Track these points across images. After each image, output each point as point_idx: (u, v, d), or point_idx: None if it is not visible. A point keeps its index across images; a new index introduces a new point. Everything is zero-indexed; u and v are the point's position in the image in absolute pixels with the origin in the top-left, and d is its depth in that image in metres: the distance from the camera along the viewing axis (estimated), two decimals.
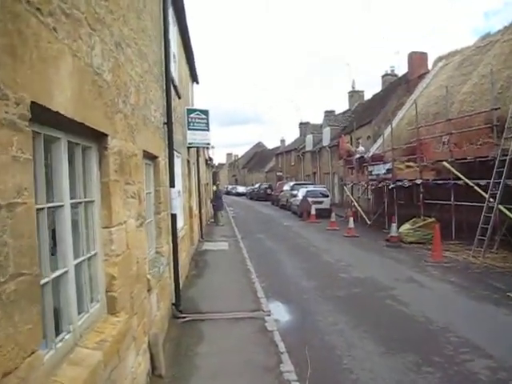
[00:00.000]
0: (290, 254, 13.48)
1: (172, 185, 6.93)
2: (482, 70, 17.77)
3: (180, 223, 9.46)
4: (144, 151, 5.03)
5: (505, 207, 12.02)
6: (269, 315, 7.08)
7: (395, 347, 5.84)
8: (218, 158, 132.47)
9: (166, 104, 6.91)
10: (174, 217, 7.00)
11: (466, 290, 8.67)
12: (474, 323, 6.73)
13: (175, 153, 8.63)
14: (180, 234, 8.83)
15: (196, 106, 14.75)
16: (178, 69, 10.33)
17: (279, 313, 7.52)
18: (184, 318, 6.95)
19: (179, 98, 10.13)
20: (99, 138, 3.33)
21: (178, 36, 10.95)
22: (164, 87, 6.92)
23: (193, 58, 13.89)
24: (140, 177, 4.67)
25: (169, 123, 6.89)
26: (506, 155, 12.11)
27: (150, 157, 5.85)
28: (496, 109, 13.32)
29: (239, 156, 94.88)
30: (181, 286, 7.99)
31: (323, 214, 23.61)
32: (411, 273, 10.30)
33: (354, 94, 40.00)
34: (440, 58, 24.27)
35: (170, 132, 6.90)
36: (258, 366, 5.20)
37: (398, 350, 5.74)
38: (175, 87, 9.13)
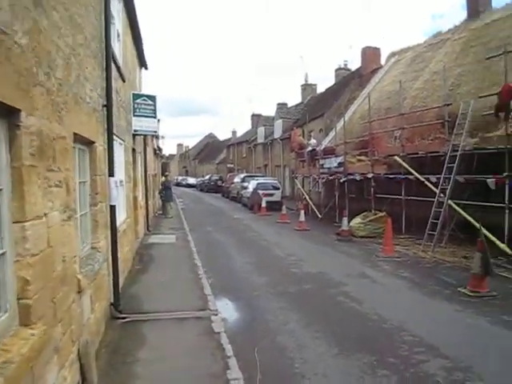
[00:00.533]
0: (240, 248, 13.08)
1: (111, 174, 6.31)
2: (434, 66, 17.96)
3: (122, 215, 8.83)
4: (76, 134, 4.42)
5: (454, 202, 12.10)
6: (216, 314, 6.62)
7: (349, 348, 5.54)
8: (169, 148, 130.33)
9: (106, 85, 6.27)
10: (113, 208, 6.39)
11: (418, 285, 8.55)
12: (428, 321, 6.55)
13: (117, 139, 7.99)
14: (122, 227, 8.21)
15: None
16: (122, 49, 9.64)
17: (227, 311, 7.07)
18: (124, 318, 6.37)
19: (123, 80, 9.43)
20: (9, 113, 2.74)
21: (124, 16, 10.24)
22: (104, 66, 6.27)
23: (141, 42, 13.13)
24: (69, 163, 4.06)
25: (109, 106, 6.26)
26: (457, 151, 12.18)
27: (85, 142, 5.22)
28: (448, 105, 13.40)
29: (190, 147, 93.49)
30: (122, 283, 7.42)
31: (274, 207, 23.44)
32: (363, 268, 10.12)
33: (307, 87, 40.02)
34: (393, 54, 24.48)
35: (109, 115, 6.27)
36: (203, 374, 4.73)
37: (351, 351, 5.43)
38: (118, 68, 8.46)
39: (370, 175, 16.54)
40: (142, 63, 15.43)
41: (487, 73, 14.34)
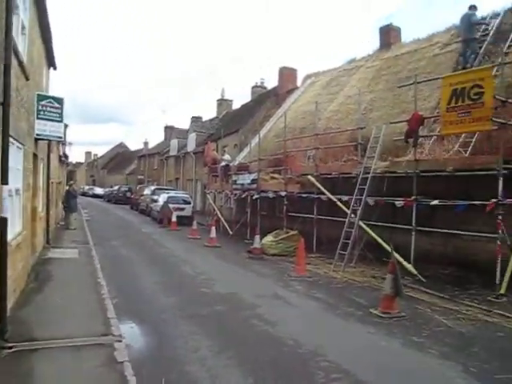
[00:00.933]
0: (148, 265, 12.34)
1: (5, 181, 5.48)
2: (348, 90, 18.59)
3: (17, 228, 7.83)
4: None
5: (364, 223, 12.35)
6: (120, 340, 5.89)
7: (264, 377, 5.15)
8: (76, 156, 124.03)
9: (3, 80, 5.47)
10: (3, 221, 5.53)
11: (332, 306, 8.43)
12: (343, 345, 6.38)
13: (15, 143, 7.10)
14: (15, 241, 7.24)
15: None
16: (28, 45, 8.69)
17: (133, 337, 6.37)
18: (10, 348, 5.43)
19: (27, 78, 8.47)
20: None
21: (34, 9, 9.30)
22: (3, 58, 5.48)
23: (51, 40, 12.07)
24: None
25: (6, 104, 5.47)
26: (368, 173, 12.48)
27: None
28: (361, 128, 13.76)
29: (99, 156, 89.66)
30: (11, 305, 6.47)
31: (184, 222, 22.86)
32: (276, 288, 9.86)
33: (223, 103, 39.95)
34: (309, 76, 25.10)
35: (6, 115, 5.46)
36: None
37: (267, 381, 5.06)
38: (21, 63, 7.55)
39: (283, 193, 16.56)
40: (51, 62, 14.24)
41: (397, 100, 15.04)
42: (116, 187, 50.39)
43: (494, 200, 9.43)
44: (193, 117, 40.63)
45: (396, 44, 19.04)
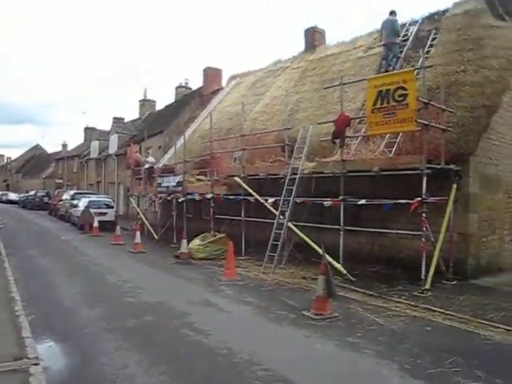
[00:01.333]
0: (69, 275, 11.44)
1: None
2: (274, 91, 18.62)
3: None
4: None
5: (293, 224, 12.30)
6: (36, 363, 5.16)
7: None
8: None
9: None
10: None
11: (264, 310, 8.17)
12: (279, 350, 6.13)
13: None
14: None
15: None
16: None
17: (52, 358, 5.68)
18: None
19: None
20: None
21: None
22: None
23: None
24: None
25: None
26: (296, 174, 12.44)
27: None
28: (288, 129, 13.72)
29: (13, 159, 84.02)
30: None
31: (107, 227, 21.79)
32: (206, 294, 9.46)
33: (146, 103, 38.83)
34: (234, 77, 24.93)
35: None
36: None
37: None
38: None
39: (209, 195, 16.20)
40: None
41: (323, 102, 15.21)
42: (32, 192, 47.27)
43: (419, 198, 9.69)
44: (114, 118, 39.09)
45: (321, 46, 19.35)
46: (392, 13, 13.73)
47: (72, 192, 31.89)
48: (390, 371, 5.38)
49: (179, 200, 18.11)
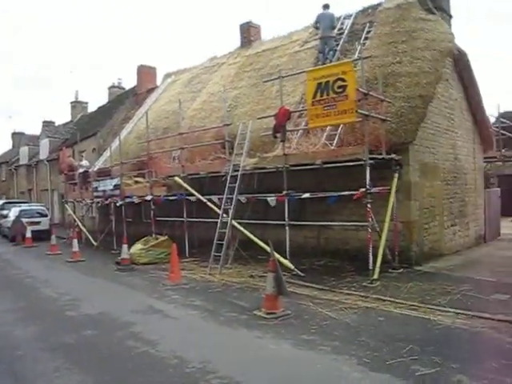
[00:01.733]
0: None
1: None
2: (211, 88, 18.25)
3: None
4: None
5: (238, 222, 12.02)
6: None
7: None
8: None
9: None
10: None
11: (214, 314, 7.81)
12: (232, 355, 5.82)
13: None
14: None
15: None
16: None
17: None
18: None
19: None
20: None
21: None
22: None
23: None
24: None
25: None
26: (238, 171, 12.17)
27: None
28: (227, 125, 13.42)
29: None
30: None
31: (42, 237, 20.66)
32: (151, 300, 8.94)
33: (77, 105, 37.21)
34: (169, 74, 24.30)
35: None
36: None
37: None
38: None
39: (148, 197, 15.61)
40: None
41: (261, 96, 15.03)
42: None
43: (363, 189, 9.70)
44: (44, 121, 37.10)
45: (257, 41, 19.18)
46: (326, 6, 13.78)
47: (1, 202, 30.04)
48: (350, 367, 5.21)
49: (117, 204, 17.37)
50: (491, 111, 21.37)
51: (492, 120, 19.73)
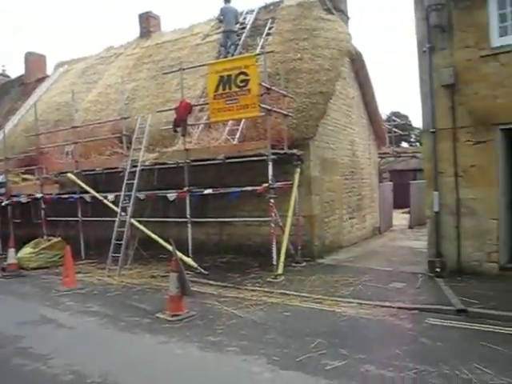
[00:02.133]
0: None
1: None
2: (107, 79, 17.27)
3: None
4: None
5: (137, 220, 11.47)
6: None
7: None
8: None
9: None
10: None
11: (113, 319, 7.28)
12: (136, 363, 5.40)
13: None
14: None
15: None
16: None
17: None
18: None
19: None
20: None
21: None
22: None
23: None
24: None
25: None
26: (136, 166, 11.61)
27: None
28: (125, 118, 12.70)
29: None
30: None
31: None
32: (42, 309, 8.10)
33: None
34: (62, 63, 22.61)
35: None
36: None
37: None
38: None
39: (38, 196, 14.39)
40: None
41: (161, 90, 14.52)
42: None
43: (266, 184, 9.66)
44: None
45: (156, 32, 18.45)
46: (227, 0, 13.64)
47: None
48: (260, 367, 5.08)
49: (3, 204, 15.82)
50: (383, 110, 22.69)
51: (384, 118, 20.92)
